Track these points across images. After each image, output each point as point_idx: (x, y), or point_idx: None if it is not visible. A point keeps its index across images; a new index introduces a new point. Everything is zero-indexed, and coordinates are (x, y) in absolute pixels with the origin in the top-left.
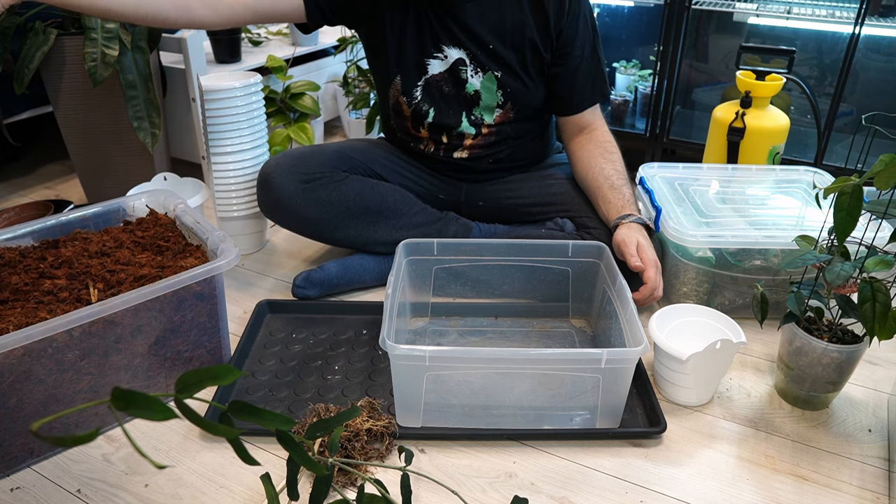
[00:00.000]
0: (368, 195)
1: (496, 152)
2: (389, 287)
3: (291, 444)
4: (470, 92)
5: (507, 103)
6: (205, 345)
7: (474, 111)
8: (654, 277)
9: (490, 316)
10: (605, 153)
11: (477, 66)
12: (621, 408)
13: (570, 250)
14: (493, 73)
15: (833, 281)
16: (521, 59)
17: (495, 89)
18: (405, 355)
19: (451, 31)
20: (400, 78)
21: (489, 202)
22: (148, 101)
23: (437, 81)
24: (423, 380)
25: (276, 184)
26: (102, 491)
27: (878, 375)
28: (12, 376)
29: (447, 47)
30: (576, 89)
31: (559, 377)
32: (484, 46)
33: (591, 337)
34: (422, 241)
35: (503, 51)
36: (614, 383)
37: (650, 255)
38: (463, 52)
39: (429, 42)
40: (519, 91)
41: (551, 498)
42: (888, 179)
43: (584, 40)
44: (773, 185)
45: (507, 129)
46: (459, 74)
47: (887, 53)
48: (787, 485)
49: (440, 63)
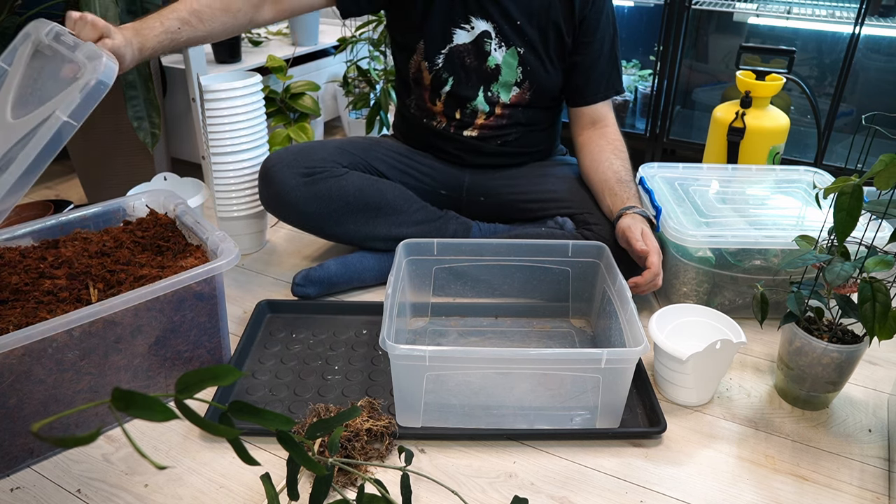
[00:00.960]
0: (368, 191)
1: (505, 135)
2: (389, 287)
3: (291, 444)
4: (491, 66)
5: (526, 82)
6: (205, 345)
7: (492, 87)
8: (657, 263)
9: (490, 316)
10: (615, 150)
11: (502, 41)
12: (621, 408)
13: (571, 250)
14: (516, 48)
15: (833, 281)
16: (544, 39)
17: (516, 65)
18: (405, 355)
19: (481, 3)
20: (424, 43)
21: (490, 197)
22: (148, 101)
23: (460, 52)
24: (423, 380)
25: (276, 177)
26: (102, 491)
27: (878, 375)
28: (12, 376)
29: (475, 18)
30: (592, 80)
31: (559, 377)
32: (511, 21)
33: (591, 337)
34: (422, 241)
35: (529, 29)
36: (614, 383)
37: (653, 242)
38: (490, 25)
39: (458, 11)
40: (538, 72)
41: (551, 498)
42: (888, 179)
43: (605, 34)
44: (773, 185)
45: (519, 112)
46: (483, 47)
47: (887, 53)
48: (787, 485)
49: (466, 34)
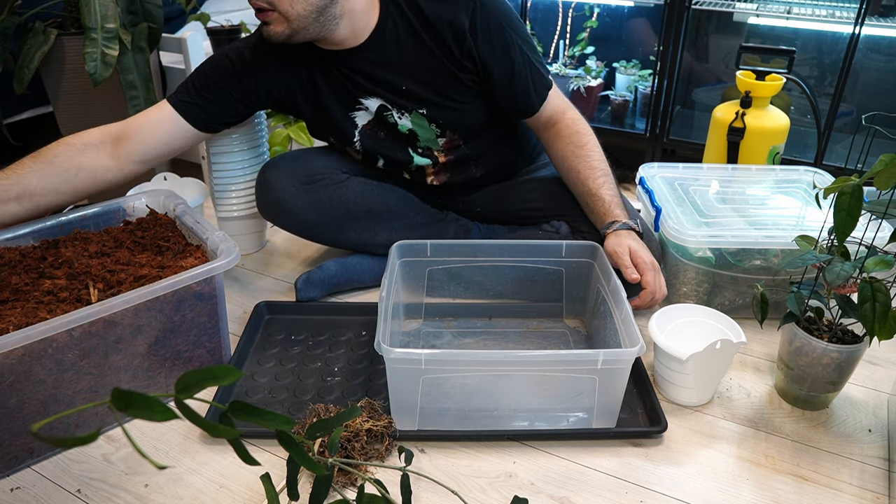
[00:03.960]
0: (369, 196)
1: (465, 171)
2: (383, 289)
3: (292, 445)
4: (404, 132)
5: (447, 132)
6: (205, 345)
7: (419, 145)
8: (653, 281)
9: (484, 317)
10: (575, 150)
11: (400, 108)
12: (618, 408)
13: (564, 250)
14: (417, 111)
15: (833, 281)
16: (438, 91)
17: (427, 124)
18: (401, 359)
19: (360, 84)
20: (334, 138)
21: (486, 208)
22: (148, 101)
23: (371, 129)
24: (419, 383)
25: (275, 185)
26: (102, 491)
27: (878, 375)
28: (12, 376)
29: (364, 99)
30: (517, 94)
31: (556, 379)
32: (396, 90)
33: (586, 337)
34: (415, 243)
35: (417, 89)
36: (611, 384)
37: (645, 258)
38: (379, 101)
39: (346, 98)
40: (452, 119)
41: (551, 498)
42: (888, 179)
43: (505, 47)
44: (773, 185)
45: (462, 150)
46: (387, 119)
47: (887, 53)
48: (787, 485)
49: (365, 113)
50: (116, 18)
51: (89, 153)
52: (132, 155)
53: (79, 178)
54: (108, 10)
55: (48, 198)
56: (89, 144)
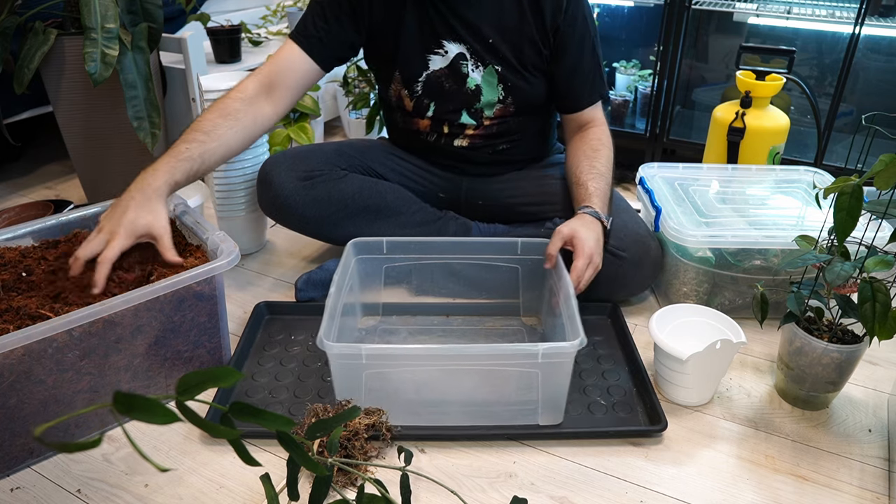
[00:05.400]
0: (367, 193)
1: (496, 143)
2: (333, 286)
3: (292, 445)
4: (471, 87)
5: (508, 97)
6: (205, 345)
7: (475, 106)
8: (580, 268)
9: (441, 314)
10: (589, 151)
11: (477, 61)
12: (563, 403)
13: (520, 248)
14: (493, 66)
15: (833, 281)
16: (519, 54)
17: (496, 83)
18: (342, 353)
19: (451, 26)
20: (400, 73)
21: (488, 201)
22: (148, 101)
23: (438, 77)
24: (363, 377)
25: (275, 181)
26: (102, 491)
27: (878, 375)
28: (12, 376)
29: (447, 42)
30: (575, 88)
31: (503, 374)
32: (483, 41)
33: (542, 334)
34: (371, 240)
35: (502, 45)
36: (553, 378)
37: (588, 245)
38: (463, 47)
39: (430, 37)
40: (519, 86)
41: (551, 498)
42: (888, 179)
43: (583, 41)
44: (773, 185)
45: (508, 122)
46: (460, 69)
47: (887, 53)
48: (787, 485)
49: (441, 58)
50: (116, 18)
51: (256, 105)
52: (284, 99)
53: (255, 127)
54: (108, 10)
55: (236, 152)
56: (253, 96)
